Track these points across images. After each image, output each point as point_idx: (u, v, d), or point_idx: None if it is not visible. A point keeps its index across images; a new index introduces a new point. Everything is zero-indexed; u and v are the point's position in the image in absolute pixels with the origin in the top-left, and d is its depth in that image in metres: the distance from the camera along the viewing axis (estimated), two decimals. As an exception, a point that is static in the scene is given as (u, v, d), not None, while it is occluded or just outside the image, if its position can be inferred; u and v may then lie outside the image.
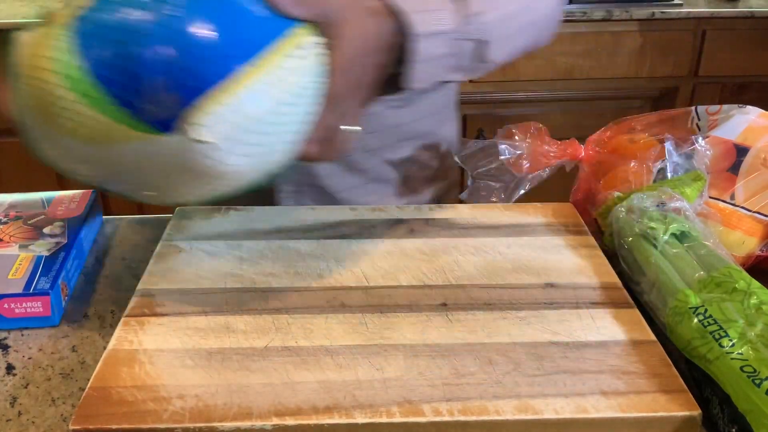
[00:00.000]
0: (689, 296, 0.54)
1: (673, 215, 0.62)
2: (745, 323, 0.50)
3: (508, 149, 0.76)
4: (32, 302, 0.60)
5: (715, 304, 0.52)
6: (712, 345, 0.49)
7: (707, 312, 0.52)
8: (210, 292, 0.60)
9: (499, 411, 0.47)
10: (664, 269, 0.58)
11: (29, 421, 0.51)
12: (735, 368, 0.47)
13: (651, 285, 0.58)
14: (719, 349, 0.49)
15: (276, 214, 0.73)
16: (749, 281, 0.54)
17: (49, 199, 0.75)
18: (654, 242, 0.60)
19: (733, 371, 0.47)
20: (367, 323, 0.56)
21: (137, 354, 0.53)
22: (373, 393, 0.49)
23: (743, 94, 2.00)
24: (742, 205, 0.67)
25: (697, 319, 0.52)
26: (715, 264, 0.56)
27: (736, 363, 0.47)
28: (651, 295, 0.58)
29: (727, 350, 0.48)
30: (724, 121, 0.70)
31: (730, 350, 0.48)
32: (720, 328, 0.50)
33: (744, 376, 0.47)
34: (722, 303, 0.52)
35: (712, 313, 0.51)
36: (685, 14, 1.87)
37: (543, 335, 0.55)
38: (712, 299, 0.53)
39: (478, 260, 0.65)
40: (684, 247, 0.60)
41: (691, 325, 0.52)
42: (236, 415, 0.47)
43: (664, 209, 0.62)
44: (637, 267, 0.61)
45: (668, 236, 0.60)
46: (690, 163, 0.70)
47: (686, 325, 0.52)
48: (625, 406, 0.48)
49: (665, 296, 0.56)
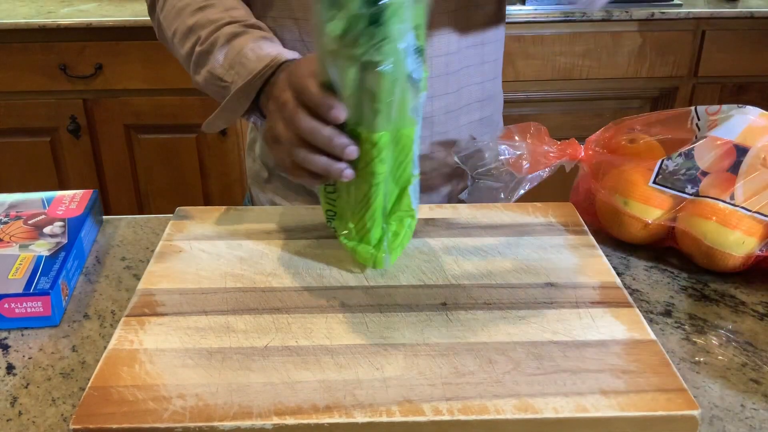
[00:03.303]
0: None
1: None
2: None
3: (508, 149, 0.76)
4: (32, 302, 0.60)
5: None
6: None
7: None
8: (210, 292, 0.60)
9: (499, 410, 0.47)
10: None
11: (29, 421, 0.51)
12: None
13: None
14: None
15: (276, 214, 0.73)
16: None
17: (49, 199, 0.75)
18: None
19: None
20: (367, 323, 0.56)
21: (137, 354, 0.53)
22: (373, 392, 0.49)
23: (743, 94, 2.00)
24: (742, 205, 0.67)
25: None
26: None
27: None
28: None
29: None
30: (724, 121, 0.70)
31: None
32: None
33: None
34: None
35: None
36: (684, 14, 1.87)
37: (543, 335, 0.55)
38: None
39: (478, 260, 0.65)
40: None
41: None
42: (236, 415, 0.47)
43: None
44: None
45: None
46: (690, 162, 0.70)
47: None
48: (625, 405, 0.48)
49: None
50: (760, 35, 1.93)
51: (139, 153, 1.93)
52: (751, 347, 0.60)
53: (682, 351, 0.59)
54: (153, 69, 1.81)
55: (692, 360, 0.58)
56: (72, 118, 1.85)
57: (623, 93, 1.98)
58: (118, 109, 1.86)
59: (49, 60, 1.79)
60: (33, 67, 1.80)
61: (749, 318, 0.63)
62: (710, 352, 0.59)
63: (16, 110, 1.85)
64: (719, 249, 0.67)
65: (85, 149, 1.90)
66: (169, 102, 1.86)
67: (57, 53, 1.79)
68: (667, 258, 0.73)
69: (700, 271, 0.70)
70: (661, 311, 0.64)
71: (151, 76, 1.82)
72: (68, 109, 1.85)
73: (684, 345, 0.60)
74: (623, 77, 1.94)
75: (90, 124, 1.88)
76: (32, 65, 1.80)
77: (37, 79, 1.81)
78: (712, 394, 0.54)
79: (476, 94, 0.90)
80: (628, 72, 1.94)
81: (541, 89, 1.94)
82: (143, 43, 1.79)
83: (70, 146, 1.89)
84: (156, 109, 1.86)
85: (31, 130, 1.88)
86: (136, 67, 1.81)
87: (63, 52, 1.79)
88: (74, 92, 1.84)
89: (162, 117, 1.87)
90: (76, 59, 1.80)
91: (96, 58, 1.80)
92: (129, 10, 1.82)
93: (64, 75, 1.81)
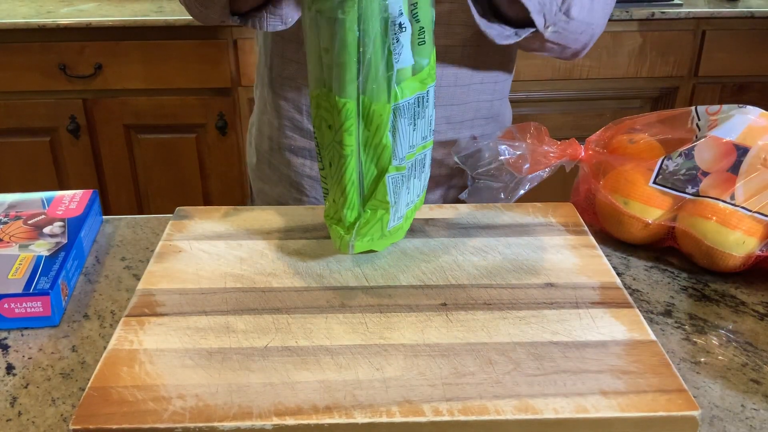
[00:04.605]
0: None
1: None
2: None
3: (508, 149, 0.76)
4: (32, 302, 0.60)
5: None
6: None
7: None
8: (210, 292, 0.60)
9: (499, 411, 0.47)
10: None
11: (29, 421, 0.51)
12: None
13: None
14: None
15: (276, 214, 0.73)
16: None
17: (49, 199, 0.75)
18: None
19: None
20: (367, 323, 0.56)
21: (137, 354, 0.53)
22: (373, 393, 0.49)
23: (743, 94, 2.00)
24: (742, 205, 0.67)
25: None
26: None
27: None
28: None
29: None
30: (724, 121, 0.70)
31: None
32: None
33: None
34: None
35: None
36: (684, 14, 1.87)
37: (543, 335, 0.55)
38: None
39: (478, 260, 0.65)
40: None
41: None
42: (236, 415, 0.47)
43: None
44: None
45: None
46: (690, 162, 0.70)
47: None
48: (625, 406, 0.48)
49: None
50: (760, 35, 1.93)
51: (139, 153, 1.93)
52: (751, 347, 0.60)
53: (682, 351, 0.59)
54: (153, 69, 1.81)
55: (692, 360, 0.58)
56: (72, 118, 1.85)
57: (623, 93, 1.98)
58: (118, 109, 1.86)
59: (48, 60, 1.79)
60: (32, 67, 1.80)
61: (749, 318, 0.63)
62: (710, 353, 0.59)
63: (16, 110, 1.85)
64: (719, 249, 0.67)
65: (84, 149, 1.90)
66: (169, 102, 1.86)
67: (56, 53, 1.79)
68: (667, 258, 0.73)
69: (701, 271, 0.70)
70: (661, 311, 0.64)
71: (150, 76, 1.82)
72: (68, 109, 1.85)
73: (684, 345, 0.60)
74: (623, 77, 1.94)
75: (90, 124, 1.88)
76: (32, 65, 1.80)
77: (37, 79, 1.81)
78: (713, 394, 0.54)
79: (483, 111, 0.90)
80: (628, 72, 1.94)
81: (541, 89, 1.94)
82: (143, 43, 1.79)
83: (70, 146, 1.89)
84: (156, 109, 1.87)
85: (31, 130, 1.88)
86: (135, 67, 1.81)
87: (62, 52, 1.79)
88: (74, 92, 1.84)
89: (162, 117, 1.88)
90: (75, 59, 1.80)
91: (95, 58, 1.80)
92: (129, 10, 1.82)
93: (63, 75, 1.81)
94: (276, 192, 0.96)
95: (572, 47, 0.80)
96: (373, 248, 0.64)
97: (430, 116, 0.62)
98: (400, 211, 0.63)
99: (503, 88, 0.92)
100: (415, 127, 0.60)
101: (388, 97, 0.57)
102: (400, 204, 0.62)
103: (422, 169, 0.63)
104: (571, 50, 0.81)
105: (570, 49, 0.81)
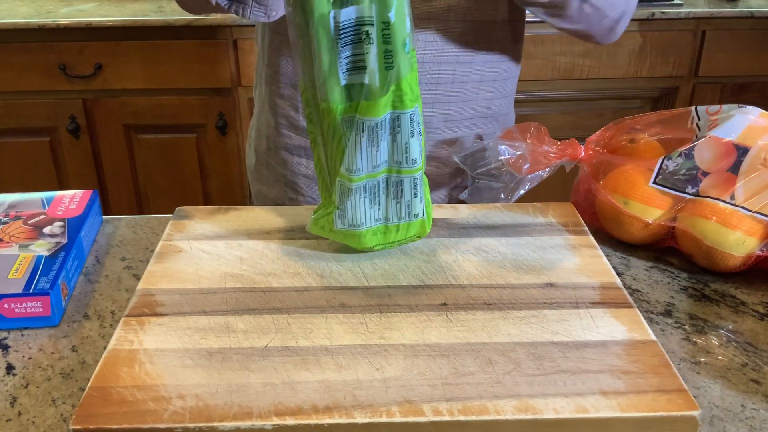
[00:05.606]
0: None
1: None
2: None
3: (508, 149, 0.76)
4: (32, 302, 0.60)
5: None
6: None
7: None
8: (210, 292, 0.60)
9: (499, 411, 0.47)
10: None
11: (29, 421, 0.51)
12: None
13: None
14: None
15: (276, 214, 0.73)
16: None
17: (49, 199, 0.75)
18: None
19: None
20: (367, 323, 0.56)
21: (137, 354, 0.53)
22: (373, 393, 0.49)
23: (743, 94, 2.00)
24: (742, 205, 0.67)
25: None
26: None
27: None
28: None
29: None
30: (724, 121, 0.70)
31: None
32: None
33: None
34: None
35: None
36: (684, 14, 1.87)
37: (543, 335, 0.55)
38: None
39: (478, 260, 0.65)
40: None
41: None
42: (236, 415, 0.47)
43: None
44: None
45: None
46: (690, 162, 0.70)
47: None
48: (625, 406, 0.48)
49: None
50: (760, 35, 1.93)
51: (139, 153, 1.93)
52: (751, 347, 0.60)
53: (682, 351, 0.59)
54: (153, 69, 1.81)
55: (692, 360, 0.58)
56: (71, 118, 1.85)
57: (623, 93, 1.98)
58: (118, 109, 1.86)
59: (48, 60, 1.79)
60: (32, 67, 1.80)
61: (749, 318, 0.63)
62: (710, 353, 0.59)
63: (16, 110, 1.85)
64: (719, 249, 0.67)
65: (84, 149, 1.90)
66: (168, 102, 1.86)
67: (56, 53, 1.79)
68: (667, 258, 0.73)
69: (701, 271, 0.70)
70: (662, 311, 0.64)
71: (150, 76, 1.82)
72: (68, 109, 1.85)
73: (684, 345, 0.60)
74: (623, 77, 1.94)
75: (90, 124, 1.88)
76: (32, 65, 1.80)
77: (37, 78, 1.81)
78: (713, 394, 0.54)
79: (482, 109, 0.90)
80: (628, 72, 1.94)
81: (541, 89, 1.94)
82: (143, 43, 1.79)
83: (70, 146, 1.89)
84: (155, 109, 1.86)
85: (31, 130, 1.88)
86: (135, 67, 1.81)
87: (62, 52, 1.79)
88: (74, 92, 1.84)
89: (162, 117, 1.88)
90: (75, 59, 1.80)
91: (95, 58, 1.80)
92: (129, 10, 1.82)
93: (63, 75, 1.81)
94: (273, 193, 0.96)
95: (610, 15, 0.79)
96: (333, 239, 0.65)
97: (406, 143, 0.59)
98: (353, 218, 0.62)
99: (504, 87, 0.91)
100: (377, 147, 0.59)
101: (341, 102, 0.58)
102: (348, 211, 0.62)
103: (399, 194, 0.62)
104: (608, 20, 0.80)
105: (607, 19, 0.80)
